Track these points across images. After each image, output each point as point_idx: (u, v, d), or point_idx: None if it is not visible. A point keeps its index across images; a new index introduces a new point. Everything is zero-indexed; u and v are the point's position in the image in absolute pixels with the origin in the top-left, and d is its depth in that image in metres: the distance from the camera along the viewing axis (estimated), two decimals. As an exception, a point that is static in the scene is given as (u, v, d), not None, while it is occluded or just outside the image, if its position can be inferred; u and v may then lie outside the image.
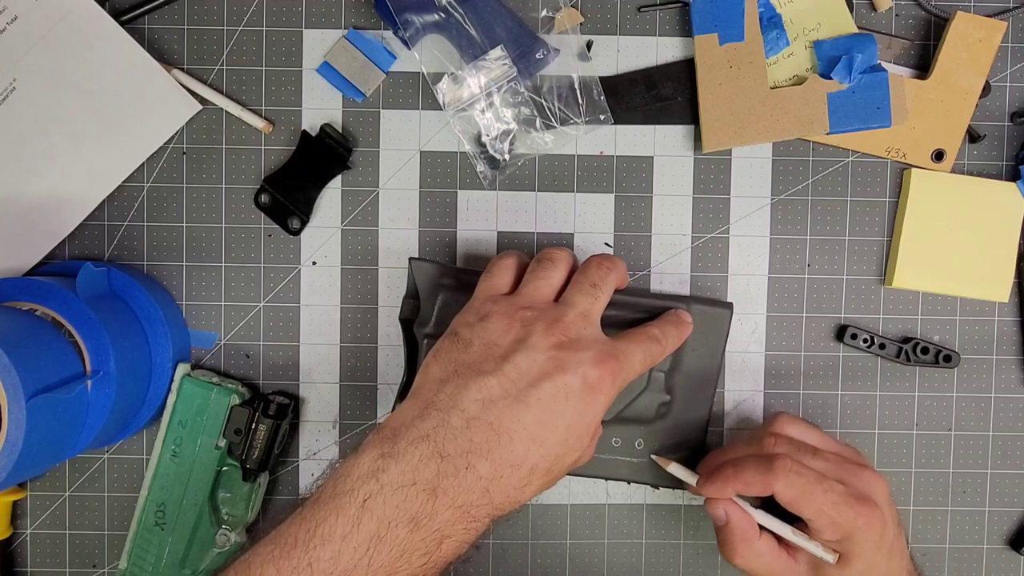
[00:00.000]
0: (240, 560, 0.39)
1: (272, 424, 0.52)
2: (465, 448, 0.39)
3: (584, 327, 0.43)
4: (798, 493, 0.45)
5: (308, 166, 0.54)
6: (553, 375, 0.40)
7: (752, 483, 0.46)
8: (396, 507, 0.38)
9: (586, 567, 0.56)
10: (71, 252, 0.55)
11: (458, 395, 0.40)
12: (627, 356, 0.44)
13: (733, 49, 0.54)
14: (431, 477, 0.38)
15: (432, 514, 0.38)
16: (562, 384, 0.40)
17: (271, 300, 0.56)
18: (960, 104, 0.54)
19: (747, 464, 0.47)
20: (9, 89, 0.52)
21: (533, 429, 0.40)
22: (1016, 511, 0.57)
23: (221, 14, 0.55)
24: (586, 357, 0.41)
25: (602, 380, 0.41)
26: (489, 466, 0.39)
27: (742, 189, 0.56)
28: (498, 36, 0.53)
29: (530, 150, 0.55)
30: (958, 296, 0.56)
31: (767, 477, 0.46)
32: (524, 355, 0.41)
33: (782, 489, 0.45)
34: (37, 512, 0.55)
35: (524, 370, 0.41)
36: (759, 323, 0.56)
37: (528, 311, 0.43)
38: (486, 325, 0.43)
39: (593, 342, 0.43)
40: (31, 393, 0.42)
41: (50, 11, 0.52)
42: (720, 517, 0.48)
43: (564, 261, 0.46)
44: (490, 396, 0.40)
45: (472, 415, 0.40)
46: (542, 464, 0.41)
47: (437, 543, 0.39)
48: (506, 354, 0.41)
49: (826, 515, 0.45)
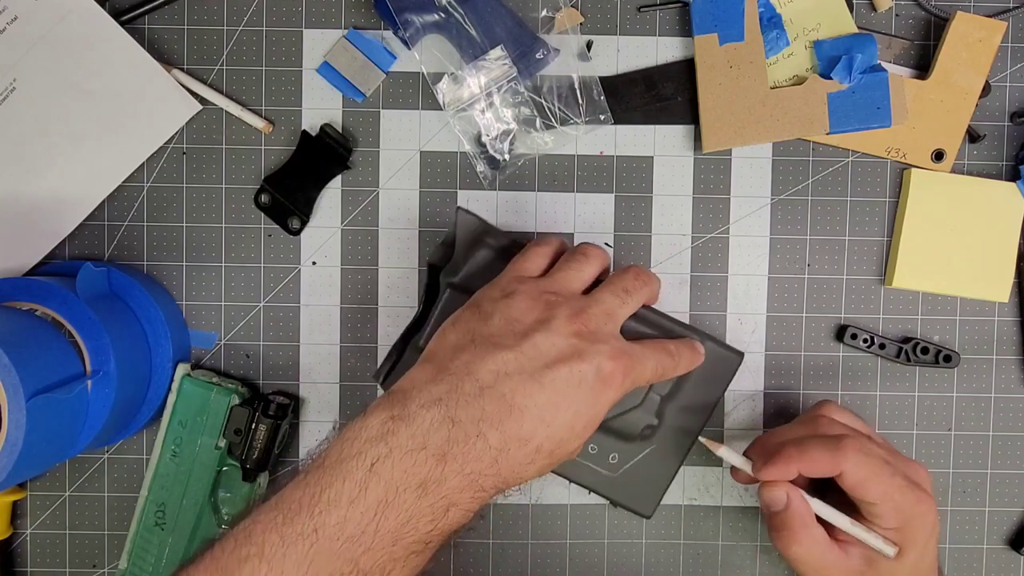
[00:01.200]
0: (241, 527, 0.38)
1: (272, 424, 0.52)
2: (477, 416, 0.39)
3: (605, 323, 0.43)
4: (867, 474, 0.44)
5: (308, 166, 0.54)
6: (570, 360, 0.40)
7: (819, 461, 0.45)
8: (405, 471, 0.37)
9: (586, 567, 0.56)
10: (71, 252, 0.55)
11: (473, 363, 0.40)
12: (641, 359, 0.44)
13: (733, 49, 0.54)
14: (441, 442, 0.38)
15: (440, 480, 0.38)
16: (577, 370, 0.40)
17: (271, 300, 0.56)
18: (960, 104, 0.54)
19: (812, 443, 0.45)
20: (9, 89, 0.52)
21: (543, 409, 0.40)
22: (1016, 511, 0.57)
23: (221, 14, 0.55)
24: (603, 349, 0.41)
25: (615, 375, 0.41)
26: (499, 437, 0.39)
27: (742, 189, 0.56)
28: (498, 36, 0.53)
29: (530, 150, 0.55)
30: (958, 296, 0.56)
31: (836, 455, 0.44)
32: (544, 336, 0.41)
33: (851, 468, 0.44)
34: (37, 512, 0.55)
35: (543, 350, 0.40)
36: (759, 323, 0.56)
37: (554, 296, 0.43)
38: (510, 302, 0.43)
39: (611, 338, 0.43)
40: (31, 393, 0.42)
41: (50, 11, 0.52)
42: (779, 500, 0.46)
43: (599, 259, 0.47)
44: (505, 369, 0.40)
45: (486, 384, 0.39)
46: (547, 445, 0.40)
47: (444, 510, 0.38)
48: (526, 332, 0.41)
49: (892, 499, 0.44)
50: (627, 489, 0.51)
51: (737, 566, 0.56)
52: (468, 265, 0.49)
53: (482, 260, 0.49)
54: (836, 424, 0.48)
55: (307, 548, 0.36)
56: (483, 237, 0.49)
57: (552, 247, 0.48)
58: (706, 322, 0.56)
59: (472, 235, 0.50)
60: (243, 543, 0.37)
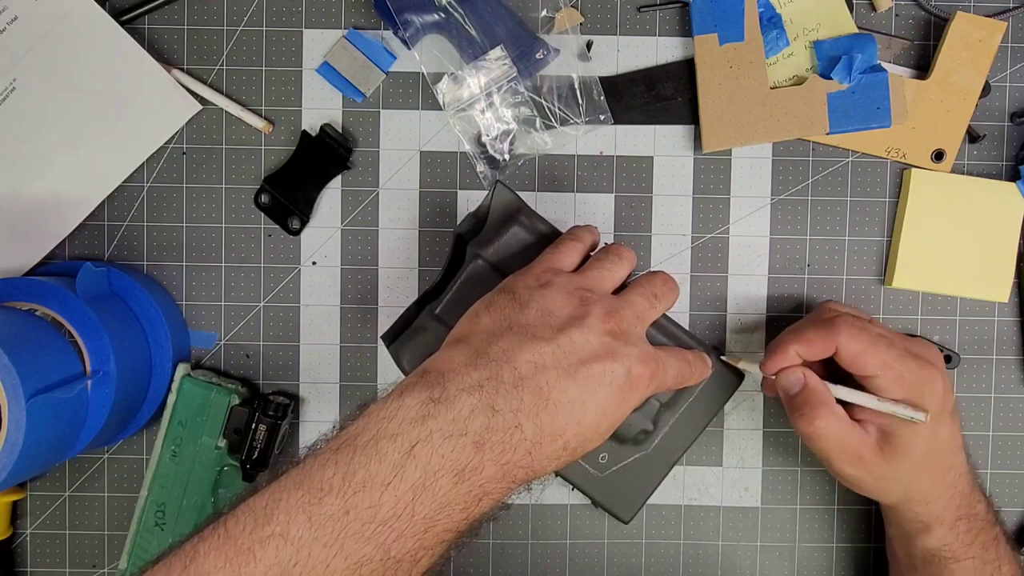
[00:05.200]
0: (259, 503, 0.36)
1: (272, 424, 0.52)
2: (515, 406, 0.38)
3: (635, 326, 0.43)
4: (862, 347, 0.45)
5: (308, 166, 0.54)
6: (604, 359, 0.40)
7: (814, 341, 0.46)
8: (443, 457, 0.37)
9: (586, 567, 0.56)
10: (71, 252, 0.55)
11: (511, 352, 0.40)
12: (666, 366, 0.44)
13: (733, 49, 0.54)
14: (480, 430, 0.37)
15: (478, 468, 0.37)
16: (609, 370, 0.40)
17: (271, 300, 0.56)
18: (960, 104, 0.54)
19: (807, 326, 0.47)
20: (9, 89, 0.52)
21: (575, 406, 0.39)
22: (1016, 511, 0.57)
23: (221, 14, 0.55)
24: (634, 352, 0.41)
25: (642, 378, 0.42)
26: (534, 429, 0.38)
27: (742, 189, 0.56)
28: (498, 36, 0.53)
29: (530, 150, 0.55)
30: (958, 296, 0.56)
31: (829, 333, 0.46)
32: (580, 332, 0.41)
33: (845, 343, 0.45)
34: (37, 512, 0.55)
35: (578, 346, 0.40)
36: (759, 323, 0.56)
37: (588, 292, 0.43)
38: (546, 292, 0.42)
39: (641, 341, 0.43)
40: (31, 393, 0.42)
41: (50, 11, 0.52)
42: (797, 381, 0.47)
43: (629, 260, 0.47)
44: (543, 362, 0.39)
45: (524, 375, 0.39)
46: (574, 442, 0.40)
47: (478, 499, 0.38)
48: (562, 326, 0.41)
49: (892, 368, 0.45)
50: (611, 491, 0.51)
51: (737, 566, 0.56)
52: (499, 240, 0.48)
53: (513, 238, 0.48)
54: (838, 309, 0.50)
55: (337, 531, 0.35)
56: (517, 215, 0.49)
57: (586, 243, 0.48)
58: (706, 322, 0.56)
59: (507, 211, 0.49)
60: (264, 522, 0.35)
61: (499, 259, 0.48)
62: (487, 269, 0.48)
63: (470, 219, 0.50)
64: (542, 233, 0.49)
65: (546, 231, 0.49)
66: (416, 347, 0.47)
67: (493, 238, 0.48)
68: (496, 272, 0.48)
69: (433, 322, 0.48)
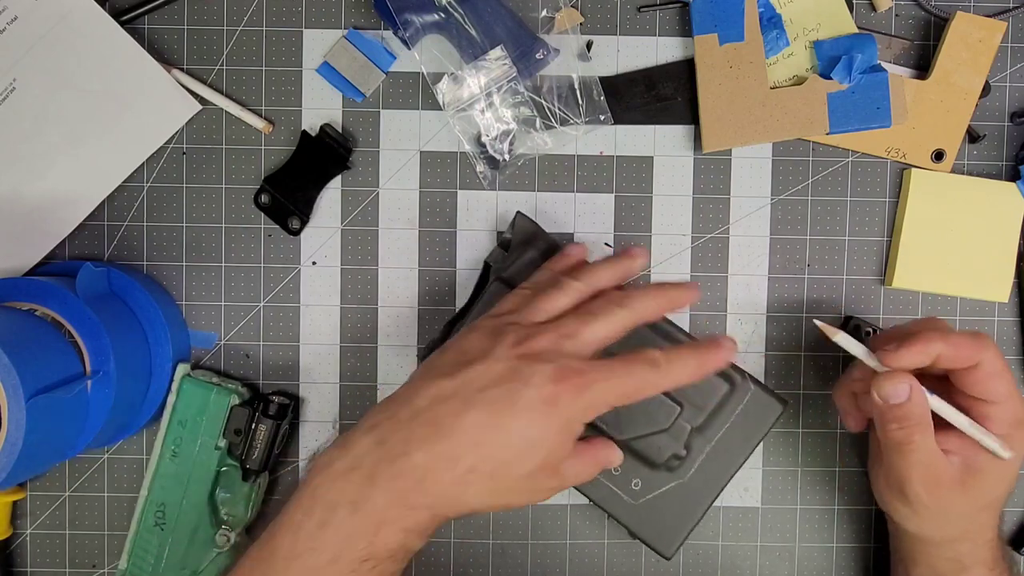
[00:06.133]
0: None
1: (272, 424, 0.52)
2: (405, 437, 0.41)
3: (559, 345, 0.42)
4: (1002, 369, 0.44)
5: (308, 166, 0.54)
6: (505, 382, 0.40)
7: (962, 346, 0.44)
8: (340, 491, 0.41)
9: (586, 567, 0.56)
10: (71, 252, 0.55)
11: (415, 392, 0.42)
12: (599, 376, 0.41)
13: (733, 49, 0.54)
14: (372, 463, 0.41)
15: (369, 498, 0.40)
16: (512, 391, 0.40)
17: (271, 300, 0.56)
18: (960, 104, 0.54)
19: (953, 331, 0.45)
20: (9, 89, 0.52)
21: (475, 430, 0.40)
22: (1016, 511, 0.57)
23: (221, 14, 0.55)
24: (545, 370, 0.40)
25: (559, 395, 0.40)
26: (424, 456, 0.40)
27: (742, 189, 0.56)
28: (498, 36, 0.53)
29: (530, 150, 0.55)
30: (958, 296, 0.56)
31: (978, 344, 0.44)
32: (484, 363, 0.41)
33: (991, 359, 0.44)
34: (37, 512, 0.55)
35: (479, 375, 0.41)
36: (759, 323, 0.56)
37: (509, 325, 0.43)
38: (467, 335, 0.44)
39: (562, 357, 0.41)
40: (31, 393, 0.42)
41: (50, 11, 0.52)
42: (902, 391, 0.44)
43: (575, 291, 0.45)
44: (441, 395, 0.41)
45: (419, 409, 0.41)
46: (483, 466, 0.40)
47: (375, 528, 0.40)
48: (469, 361, 0.42)
49: (1012, 401, 0.44)
50: (648, 522, 0.50)
51: (737, 566, 0.56)
52: (518, 263, 0.51)
53: (529, 260, 0.51)
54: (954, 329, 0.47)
55: (262, 570, 0.41)
56: (535, 241, 0.51)
57: (534, 288, 0.46)
58: (706, 322, 0.56)
59: (525, 237, 0.52)
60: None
61: (516, 280, 0.50)
62: (505, 289, 0.50)
63: (496, 249, 0.53)
64: (550, 252, 0.51)
65: (552, 249, 0.51)
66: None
67: (512, 261, 0.51)
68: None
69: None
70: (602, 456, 0.46)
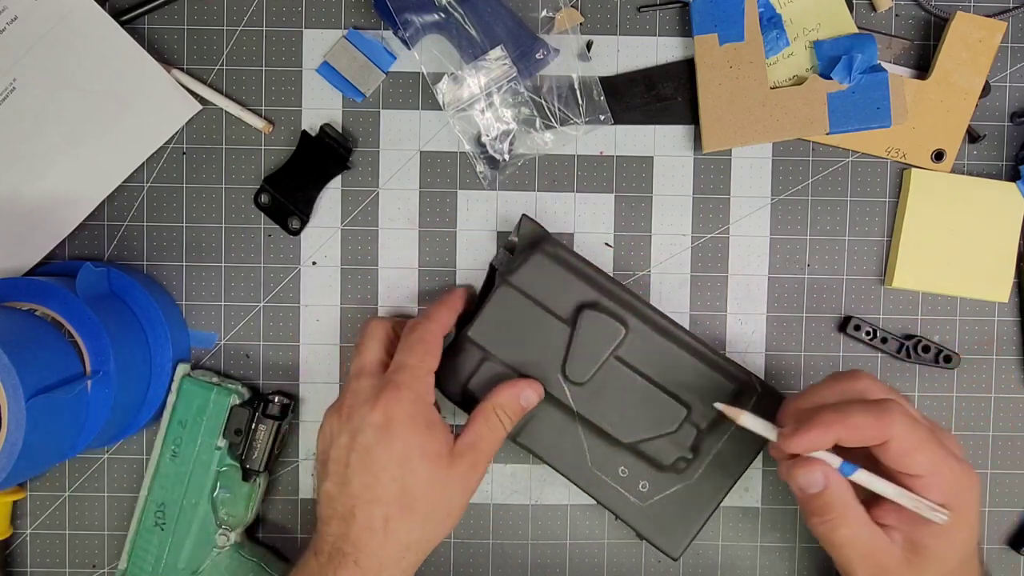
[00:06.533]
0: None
1: (272, 424, 0.52)
2: (333, 536, 0.46)
3: (358, 385, 0.47)
4: (916, 442, 0.40)
5: (308, 166, 0.54)
6: (353, 445, 0.46)
7: (863, 427, 0.40)
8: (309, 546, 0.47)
9: (586, 567, 0.56)
10: (71, 252, 0.55)
11: (319, 508, 0.47)
12: (398, 367, 0.47)
13: (733, 49, 0.54)
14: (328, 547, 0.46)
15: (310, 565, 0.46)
16: (360, 446, 0.45)
17: (271, 300, 0.56)
18: (960, 104, 0.54)
19: (854, 407, 0.41)
20: (9, 89, 0.52)
21: (364, 493, 0.45)
22: (1016, 511, 0.57)
23: (221, 14, 0.55)
24: (363, 411, 0.46)
25: (387, 410, 0.45)
26: (339, 525, 0.45)
27: (742, 189, 0.56)
28: (498, 36, 0.53)
29: (530, 150, 0.55)
30: (958, 296, 0.56)
31: (882, 421, 0.39)
32: (334, 447, 0.47)
33: (900, 435, 0.39)
34: (37, 512, 0.55)
35: (337, 459, 0.46)
36: (759, 323, 0.56)
37: (332, 410, 0.48)
38: (317, 441, 0.49)
39: (367, 391, 0.47)
40: (31, 393, 0.42)
41: (50, 11, 0.52)
42: (816, 482, 0.41)
43: (363, 351, 0.50)
44: (329, 495, 0.46)
45: (324, 517, 0.46)
46: (390, 510, 0.45)
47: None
48: (326, 458, 0.47)
49: (941, 472, 0.40)
50: (656, 523, 0.50)
51: (737, 566, 0.56)
52: (524, 266, 0.50)
53: (536, 264, 0.50)
54: (876, 387, 0.43)
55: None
56: (541, 243, 0.51)
57: (376, 337, 0.50)
58: (706, 322, 0.56)
59: (532, 240, 0.52)
60: None
61: (523, 283, 0.50)
62: (513, 292, 0.50)
63: (503, 252, 0.53)
64: (564, 260, 0.50)
65: (569, 258, 0.51)
66: (450, 367, 0.50)
67: (519, 265, 0.50)
68: (521, 295, 0.50)
69: (467, 343, 0.50)
70: (481, 414, 0.48)
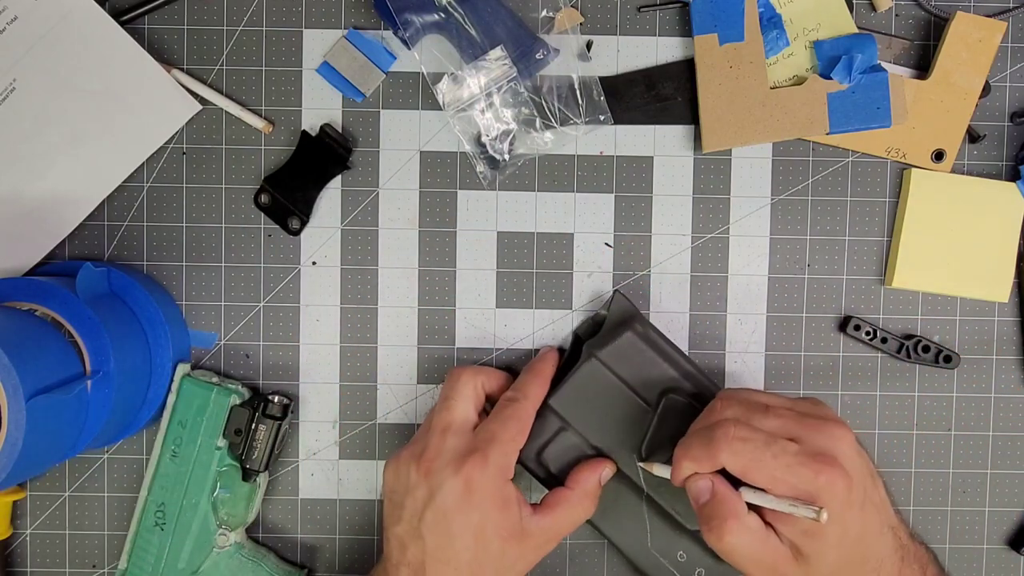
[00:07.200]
0: None
1: (272, 424, 0.52)
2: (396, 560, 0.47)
3: (443, 442, 0.48)
4: (747, 461, 0.42)
5: (308, 166, 0.54)
6: (430, 503, 0.46)
7: (700, 458, 0.43)
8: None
9: (586, 567, 0.56)
10: (71, 252, 0.55)
11: (389, 546, 0.48)
12: (489, 437, 0.47)
13: (733, 49, 0.54)
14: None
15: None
16: (438, 506, 0.46)
17: (271, 300, 0.56)
18: (960, 104, 0.54)
19: (691, 440, 0.44)
20: (9, 89, 0.52)
21: (436, 552, 0.46)
22: (1016, 511, 0.57)
23: (221, 14, 0.55)
24: (446, 473, 0.46)
25: (470, 479, 0.46)
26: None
27: (742, 189, 0.56)
28: (498, 36, 0.53)
29: (530, 150, 0.55)
30: (958, 296, 0.56)
31: (710, 449, 0.42)
32: (410, 497, 0.47)
33: (728, 459, 0.42)
34: (37, 512, 0.55)
35: (413, 510, 0.47)
36: (759, 323, 0.56)
37: (411, 455, 0.48)
38: (385, 476, 0.50)
39: (451, 452, 0.47)
40: (31, 393, 0.42)
41: (50, 11, 0.52)
42: (704, 490, 0.43)
43: (452, 407, 0.50)
44: (400, 541, 0.47)
45: (395, 561, 0.47)
46: (467, 571, 0.46)
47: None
48: (400, 502, 0.48)
49: (781, 481, 0.42)
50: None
51: (737, 566, 0.56)
52: (613, 343, 0.51)
53: (626, 342, 0.51)
54: (729, 404, 0.45)
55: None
56: (632, 322, 0.51)
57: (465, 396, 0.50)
58: (706, 322, 0.56)
59: (622, 317, 0.52)
60: None
61: (610, 360, 0.50)
62: (599, 367, 0.50)
63: (589, 322, 0.54)
64: (653, 341, 0.51)
65: (657, 339, 0.51)
66: (534, 437, 0.50)
67: (608, 341, 0.51)
68: (607, 371, 0.50)
69: (547, 412, 0.50)
70: (566, 502, 0.49)
